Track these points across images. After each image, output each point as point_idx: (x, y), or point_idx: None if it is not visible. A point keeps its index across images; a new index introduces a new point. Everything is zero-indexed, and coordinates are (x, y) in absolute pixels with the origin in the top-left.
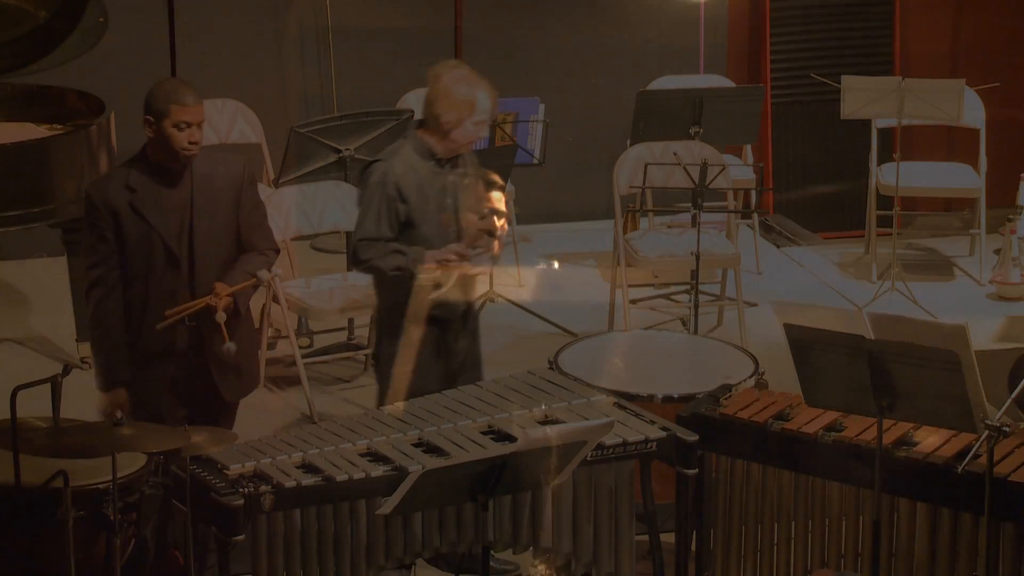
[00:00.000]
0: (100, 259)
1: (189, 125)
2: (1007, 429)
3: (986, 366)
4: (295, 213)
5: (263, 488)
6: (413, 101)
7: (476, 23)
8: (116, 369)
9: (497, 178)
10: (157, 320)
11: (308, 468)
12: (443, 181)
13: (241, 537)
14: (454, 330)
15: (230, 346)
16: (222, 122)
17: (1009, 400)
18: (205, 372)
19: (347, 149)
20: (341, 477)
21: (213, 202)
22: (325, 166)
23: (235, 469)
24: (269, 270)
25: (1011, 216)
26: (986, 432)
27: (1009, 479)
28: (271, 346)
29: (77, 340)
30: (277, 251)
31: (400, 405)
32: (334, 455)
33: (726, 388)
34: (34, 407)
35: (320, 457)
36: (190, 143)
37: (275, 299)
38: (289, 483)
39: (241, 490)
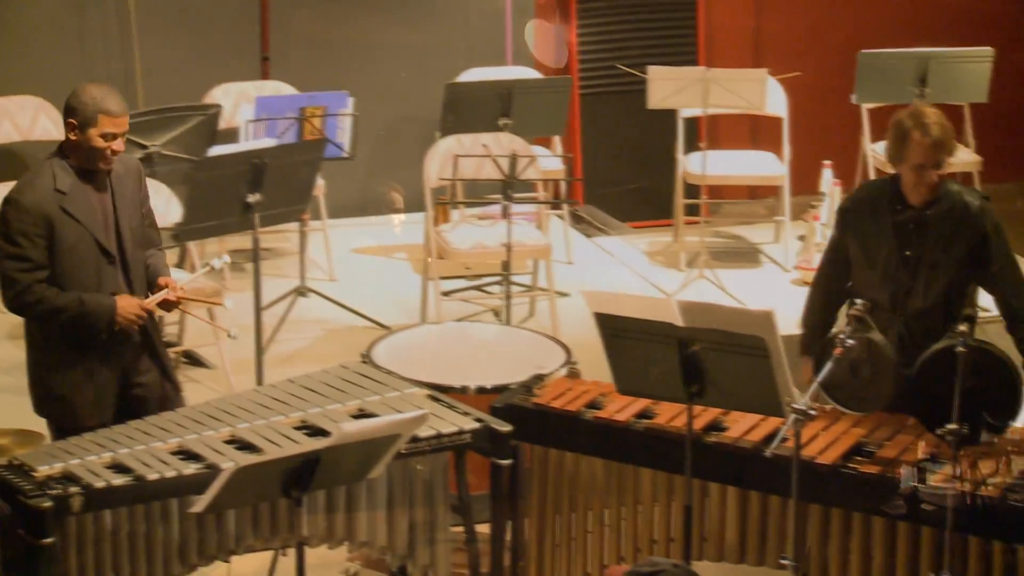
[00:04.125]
0: (31, 267)
1: (115, 136)
2: (813, 412)
3: (793, 351)
4: None
5: (72, 489)
6: (220, 95)
7: (284, 15)
8: (99, 299)
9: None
10: None
11: (118, 468)
12: (901, 225)
13: (50, 540)
14: None
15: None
16: (24, 119)
17: (815, 383)
18: (155, 358)
19: (153, 145)
20: (152, 476)
21: (126, 197)
22: None
23: (43, 471)
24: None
25: (814, 203)
26: (793, 416)
27: (815, 461)
28: None
29: None
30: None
31: (212, 401)
32: (145, 454)
33: (538, 378)
34: None
35: (131, 456)
36: (112, 153)
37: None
38: (99, 483)
39: (49, 492)
